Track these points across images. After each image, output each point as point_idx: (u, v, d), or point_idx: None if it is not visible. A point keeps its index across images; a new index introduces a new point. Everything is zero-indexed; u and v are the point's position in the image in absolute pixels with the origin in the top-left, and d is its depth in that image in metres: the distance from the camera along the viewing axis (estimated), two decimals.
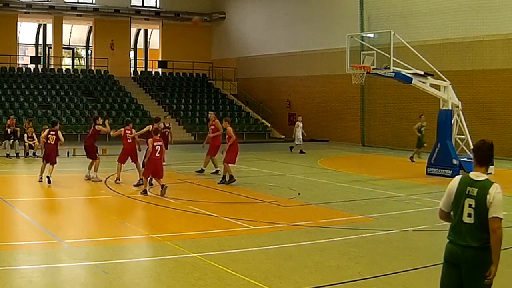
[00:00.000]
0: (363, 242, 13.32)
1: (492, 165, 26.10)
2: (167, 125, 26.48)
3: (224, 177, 21.67)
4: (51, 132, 21.87)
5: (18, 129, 31.60)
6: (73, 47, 58.26)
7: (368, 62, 25.15)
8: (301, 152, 34.42)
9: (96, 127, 22.76)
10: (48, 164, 21.36)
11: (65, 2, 51.41)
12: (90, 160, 22.38)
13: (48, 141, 21.83)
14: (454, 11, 35.11)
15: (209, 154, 24.20)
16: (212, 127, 24.21)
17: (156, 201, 17.31)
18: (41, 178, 21.25)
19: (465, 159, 25.40)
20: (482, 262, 7.01)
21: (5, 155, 30.29)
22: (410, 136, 37.28)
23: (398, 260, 11.85)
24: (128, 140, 21.94)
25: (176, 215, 16.28)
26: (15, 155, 30.52)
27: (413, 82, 25.30)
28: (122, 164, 21.87)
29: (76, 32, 57.75)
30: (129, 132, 22.03)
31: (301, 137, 35.20)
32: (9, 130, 31.04)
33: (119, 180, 21.42)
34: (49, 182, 20.65)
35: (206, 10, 56.59)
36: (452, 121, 25.78)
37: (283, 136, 47.77)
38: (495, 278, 7.05)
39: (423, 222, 15.53)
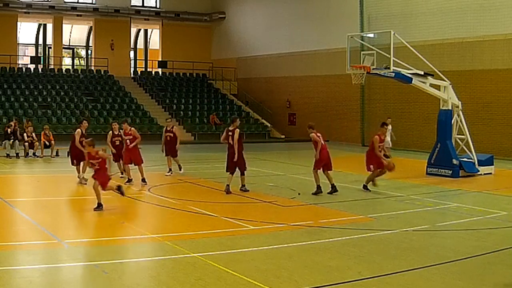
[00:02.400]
0: (363, 242, 13.31)
1: (492, 165, 26.34)
2: (169, 128, 25.39)
3: (333, 186, 19.89)
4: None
5: (18, 129, 31.60)
6: (73, 47, 58.17)
7: (368, 62, 25.09)
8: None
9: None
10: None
11: (65, 2, 51.42)
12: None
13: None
14: (454, 11, 35.08)
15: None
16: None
17: (156, 201, 17.32)
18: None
19: (465, 159, 25.49)
20: None
21: (5, 155, 30.27)
22: (410, 136, 37.37)
23: (398, 260, 11.82)
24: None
25: (176, 215, 16.23)
26: (15, 155, 30.51)
27: (413, 82, 25.25)
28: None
29: (76, 32, 57.66)
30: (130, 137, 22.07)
31: (389, 140, 32.83)
32: (9, 130, 31.03)
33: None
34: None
35: (206, 10, 56.74)
36: (452, 121, 25.76)
37: (283, 136, 47.77)
38: (496, 278, 7.08)
39: (423, 222, 15.53)
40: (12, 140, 30.61)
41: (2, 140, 31.62)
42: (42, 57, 54.85)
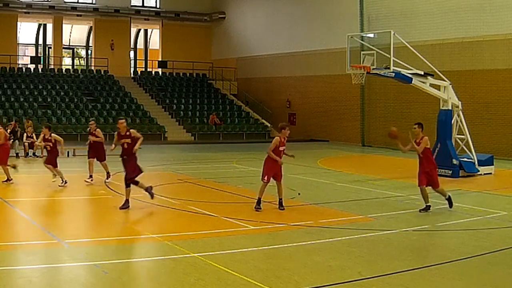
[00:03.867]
0: (363, 242, 13.26)
1: (492, 165, 26.29)
2: (92, 131, 22.88)
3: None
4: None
5: (19, 129, 31.60)
6: (73, 47, 58.16)
7: (368, 62, 25.11)
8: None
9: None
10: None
11: (65, 2, 51.47)
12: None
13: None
14: (454, 11, 35.06)
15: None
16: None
17: (156, 201, 17.21)
18: None
19: (465, 159, 25.43)
20: None
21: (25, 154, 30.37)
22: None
23: (398, 260, 11.76)
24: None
25: (176, 215, 16.18)
26: (15, 155, 30.46)
27: (413, 82, 25.24)
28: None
29: (76, 32, 57.64)
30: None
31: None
32: (8, 130, 30.97)
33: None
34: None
35: (206, 10, 56.80)
36: (452, 121, 25.75)
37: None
38: (496, 278, 7.07)
39: (423, 222, 15.49)
40: (12, 140, 30.50)
41: None
42: (42, 57, 54.83)
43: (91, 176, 21.67)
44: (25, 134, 31.36)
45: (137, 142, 17.28)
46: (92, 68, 54.16)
